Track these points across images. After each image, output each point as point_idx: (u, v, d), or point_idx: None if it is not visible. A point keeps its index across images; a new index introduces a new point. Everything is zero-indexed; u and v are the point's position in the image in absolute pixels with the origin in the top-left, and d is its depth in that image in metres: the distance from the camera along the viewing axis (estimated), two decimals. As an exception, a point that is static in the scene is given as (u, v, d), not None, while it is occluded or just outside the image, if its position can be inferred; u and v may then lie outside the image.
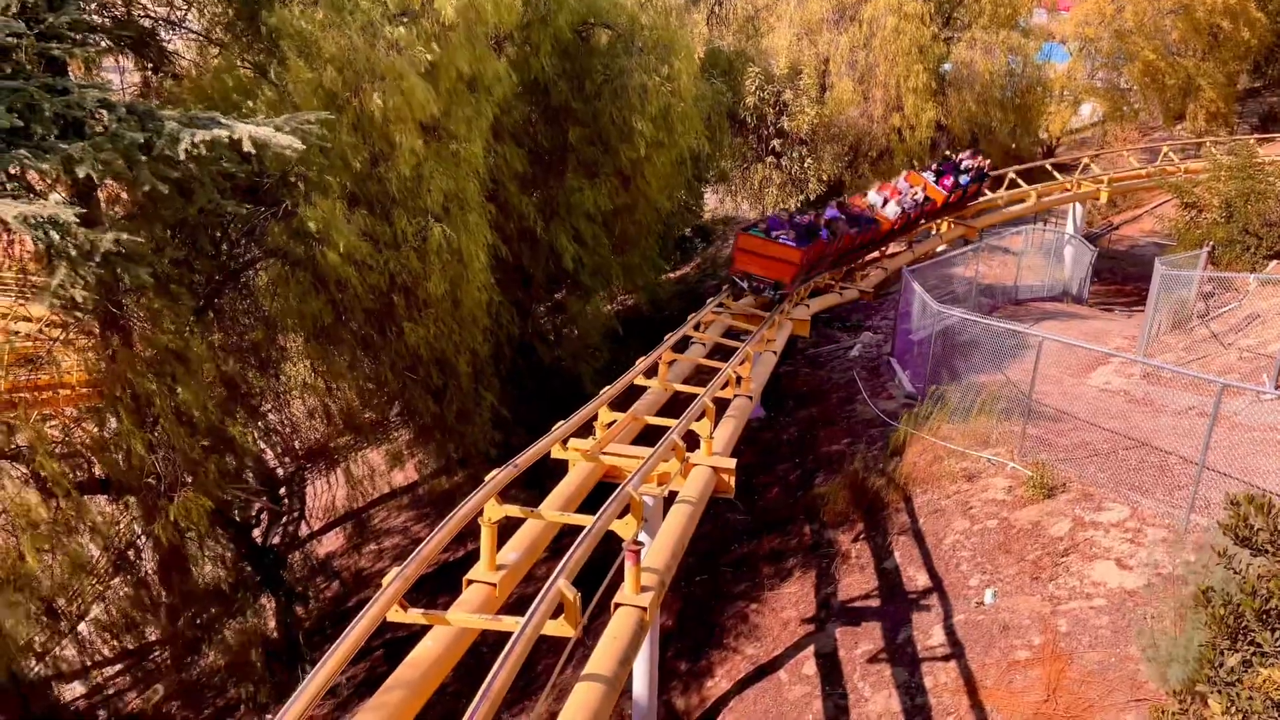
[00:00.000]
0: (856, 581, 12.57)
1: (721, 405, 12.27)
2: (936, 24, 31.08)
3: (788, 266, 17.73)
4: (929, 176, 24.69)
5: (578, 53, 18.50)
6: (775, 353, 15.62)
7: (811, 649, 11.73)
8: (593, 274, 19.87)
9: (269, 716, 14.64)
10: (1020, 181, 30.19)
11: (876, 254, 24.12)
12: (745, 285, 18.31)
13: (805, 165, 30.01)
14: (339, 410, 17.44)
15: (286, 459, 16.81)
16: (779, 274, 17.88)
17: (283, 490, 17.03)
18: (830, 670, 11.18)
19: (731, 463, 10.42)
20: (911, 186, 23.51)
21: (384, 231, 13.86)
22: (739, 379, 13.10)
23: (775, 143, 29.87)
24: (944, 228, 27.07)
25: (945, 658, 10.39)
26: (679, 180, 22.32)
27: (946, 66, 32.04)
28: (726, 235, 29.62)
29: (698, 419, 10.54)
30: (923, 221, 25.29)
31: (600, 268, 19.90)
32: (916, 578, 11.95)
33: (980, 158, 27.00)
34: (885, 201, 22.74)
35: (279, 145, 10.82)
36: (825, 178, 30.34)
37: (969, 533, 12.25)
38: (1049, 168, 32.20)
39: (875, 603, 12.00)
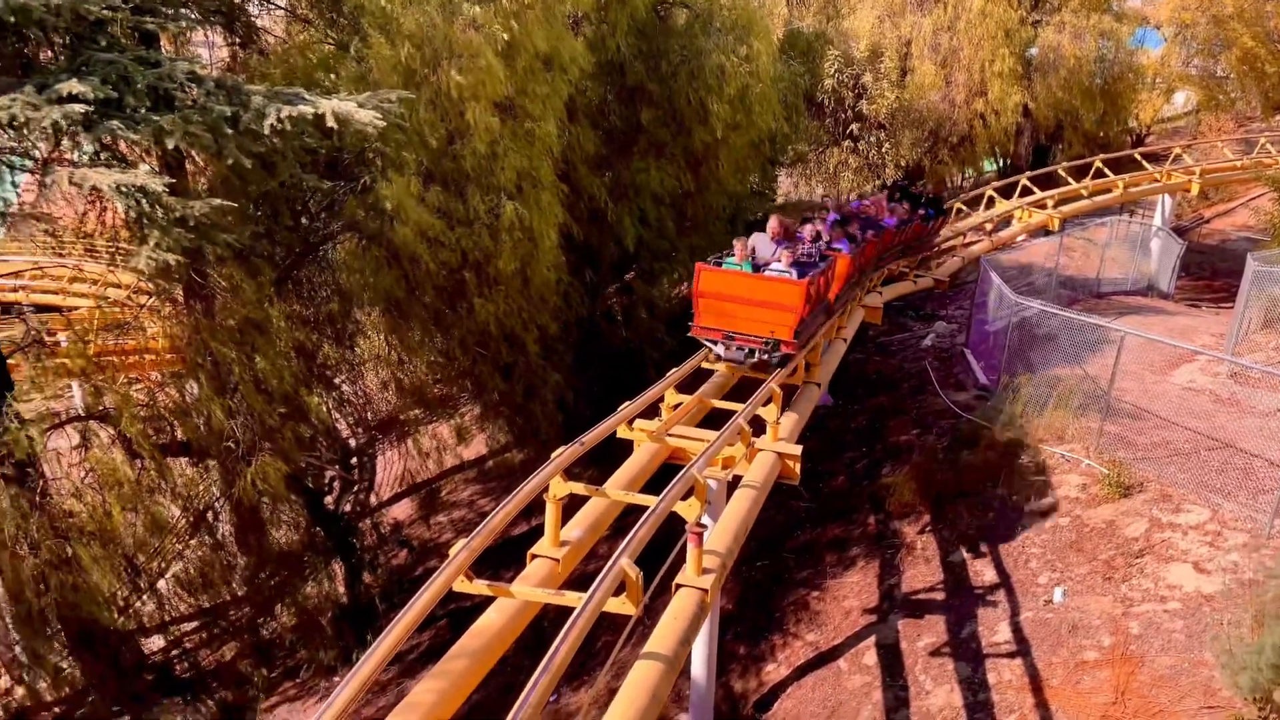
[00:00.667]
0: (921, 574, 12.40)
1: (789, 391, 12.18)
2: (1025, 7, 30.24)
3: (786, 312, 11.30)
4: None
5: (655, 33, 18.40)
6: (845, 340, 15.40)
7: (873, 639, 11.63)
8: (656, 257, 19.81)
9: (336, 678, 15.05)
10: (1107, 171, 29.26)
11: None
12: (720, 352, 11.80)
13: (883, 150, 29.49)
14: (410, 384, 17.73)
15: (359, 429, 17.16)
16: (772, 326, 11.44)
17: (354, 460, 17.39)
18: (891, 661, 11.07)
19: (797, 449, 10.34)
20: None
21: (458, 208, 14.02)
22: (808, 365, 12.97)
23: (853, 126, 29.41)
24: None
25: (1010, 655, 10.21)
26: (754, 163, 22.09)
27: (1033, 51, 31.17)
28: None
29: (764, 404, 10.47)
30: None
31: (665, 251, 19.82)
32: (983, 572, 11.75)
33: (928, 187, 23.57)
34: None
35: (360, 122, 10.99)
36: (903, 163, 29.79)
37: (1040, 529, 12.00)
38: (1138, 157, 31.13)
39: (940, 596, 11.84)
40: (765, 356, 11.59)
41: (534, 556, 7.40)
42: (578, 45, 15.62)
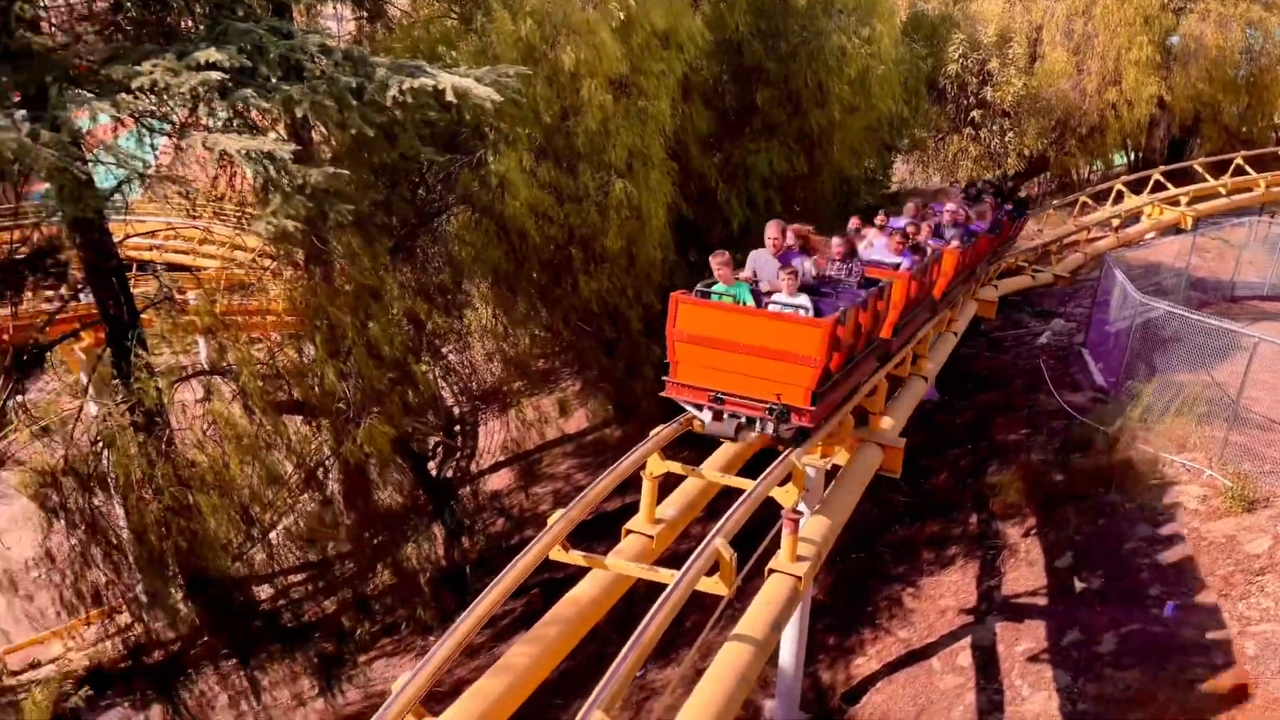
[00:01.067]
0: (1023, 577, 12.03)
1: (895, 383, 11.92)
2: (1167, -8, 28.75)
3: (799, 366, 7.77)
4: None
5: (774, 11, 18.13)
6: (956, 334, 14.99)
7: (968, 640, 11.36)
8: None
9: (431, 637, 15.50)
10: (1248, 168, 27.63)
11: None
12: (705, 420, 8.19)
13: (1006, 139, 28.51)
14: (514, 356, 18.03)
15: (463, 398, 17.54)
16: (780, 386, 7.83)
17: (457, 427, 17.80)
18: (987, 664, 10.79)
19: (900, 442, 10.15)
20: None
21: (567, 184, 14.14)
22: (915, 358, 12.66)
23: (975, 113, 28.49)
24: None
25: (1114, 666, 9.83)
26: (870, 147, 21.63)
27: (1173, 39, 29.59)
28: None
29: (869, 395, 10.27)
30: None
31: (771, 235, 19.60)
32: (1090, 580, 11.32)
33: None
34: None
35: (478, 96, 11.16)
36: (1027, 153, 28.76)
37: (1153, 540, 11.49)
38: (1283, 154, 29.31)
39: (1042, 601, 11.47)
40: (768, 430, 7.90)
41: (628, 532, 7.46)
42: (696, 23, 15.52)
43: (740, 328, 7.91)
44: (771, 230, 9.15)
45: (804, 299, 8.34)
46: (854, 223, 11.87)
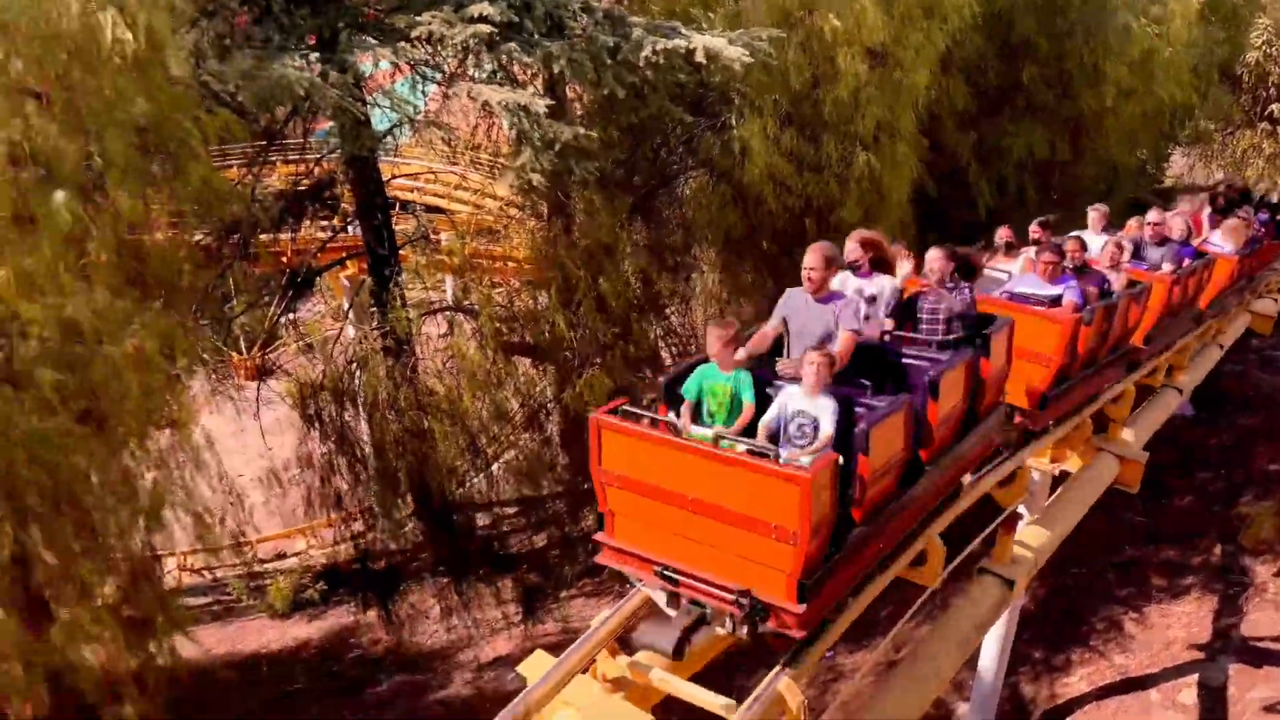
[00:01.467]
0: (1269, 619, 10.93)
1: (1144, 392, 10.99)
2: None
3: (777, 544, 4.52)
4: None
5: (1053, -15, 16.96)
6: (1221, 347, 13.59)
7: (1195, 678, 10.48)
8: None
9: (628, 585, 15.96)
10: None
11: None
12: (657, 599, 5.27)
13: (1308, 137, 25.36)
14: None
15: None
16: (750, 567, 4.67)
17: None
18: (1213, 705, 9.93)
19: (1142, 456, 9.38)
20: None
21: (809, 153, 13.92)
22: (1171, 368, 11.59)
23: (1275, 107, 25.50)
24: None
25: (1370, 735, 8.77)
26: (1146, 136, 19.89)
27: None
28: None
29: (1113, 400, 9.54)
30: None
31: (1019, 223, 18.46)
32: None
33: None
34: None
35: (728, 58, 11.20)
36: (1332, 153, 25.48)
37: None
38: None
39: (1288, 650, 10.38)
40: (741, 632, 4.89)
41: (836, 509, 7.30)
42: (965, -7, 14.77)
43: (686, 472, 4.78)
44: (809, 259, 5.80)
45: (825, 405, 4.94)
46: (1003, 233, 9.02)
